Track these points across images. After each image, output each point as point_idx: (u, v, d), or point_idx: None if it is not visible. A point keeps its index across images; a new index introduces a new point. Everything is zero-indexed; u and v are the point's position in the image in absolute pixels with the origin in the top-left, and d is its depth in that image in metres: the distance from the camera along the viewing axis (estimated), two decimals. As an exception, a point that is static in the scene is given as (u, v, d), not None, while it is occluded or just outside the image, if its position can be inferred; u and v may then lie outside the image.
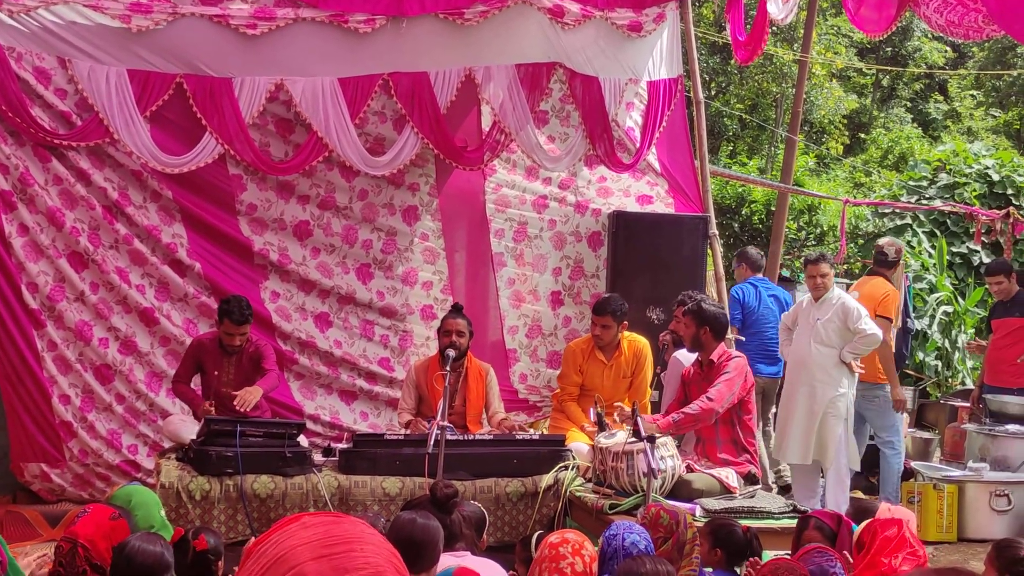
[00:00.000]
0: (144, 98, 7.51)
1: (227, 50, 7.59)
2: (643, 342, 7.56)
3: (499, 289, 8.70)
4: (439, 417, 5.93)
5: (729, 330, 8.37)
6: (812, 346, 7.80)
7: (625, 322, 7.41)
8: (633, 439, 6.02)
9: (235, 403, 6.68)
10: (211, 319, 7.79)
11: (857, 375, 7.89)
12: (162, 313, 7.82)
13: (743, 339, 8.61)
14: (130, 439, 7.75)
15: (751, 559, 4.54)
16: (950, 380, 12.28)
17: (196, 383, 7.34)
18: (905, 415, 8.87)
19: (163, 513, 4.71)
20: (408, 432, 7.03)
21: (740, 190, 17.40)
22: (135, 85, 7.49)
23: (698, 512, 5.83)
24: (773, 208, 15.46)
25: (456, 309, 7.43)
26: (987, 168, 15.21)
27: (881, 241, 9.11)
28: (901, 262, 9.04)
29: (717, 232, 8.95)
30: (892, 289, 8.58)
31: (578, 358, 7.49)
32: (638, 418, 5.92)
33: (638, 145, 8.68)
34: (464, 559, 4.32)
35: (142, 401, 7.78)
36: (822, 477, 7.96)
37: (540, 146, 8.39)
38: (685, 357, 7.20)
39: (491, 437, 6.86)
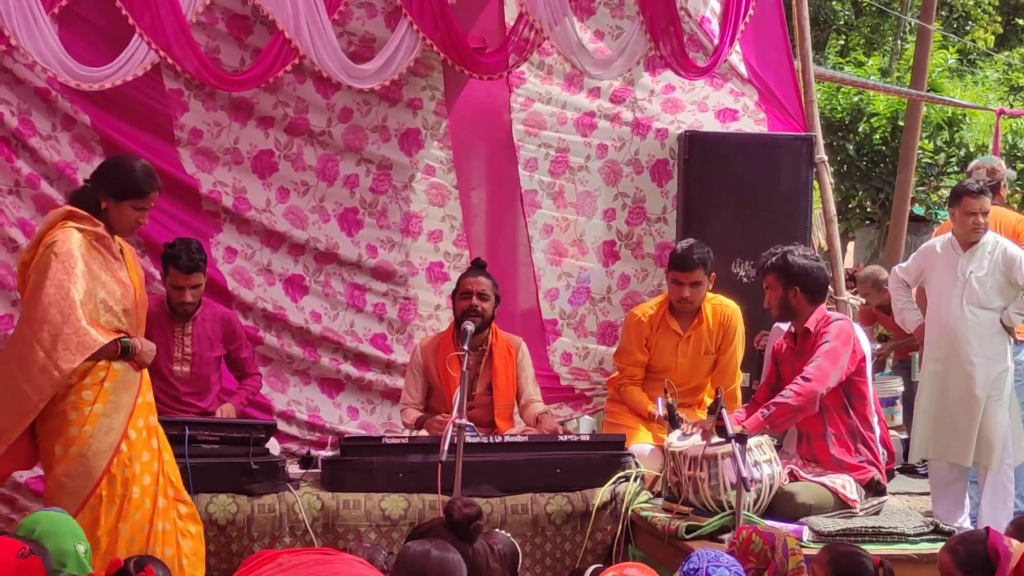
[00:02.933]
0: (50, -12, 7.43)
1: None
2: (732, 307, 7.62)
3: (532, 240, 8.74)
4: (456, 413, 5.95)
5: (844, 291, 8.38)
6: (965, 309, 7.80)
7: (713, 275, 7.51)
8: (717, 439, 6.06)
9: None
10: (146, 286, 7.69)
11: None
12: None
13: None
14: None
15: None
16: None
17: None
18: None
19: (80, 547, 4.70)
20: (414, 434, 7.08)
21: (856, 99, 17.32)
22: (36, -30, 7.40)
23: (805, 535, 5.88)
24: (901, 123, 15.40)
25: (477, 265, 7.52)
26: None
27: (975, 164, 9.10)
28: (1004, 183, 9.03)
29: (826, 157, 8.93)
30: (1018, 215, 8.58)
31: (644, 329, 7.56)
32: (723, 410, 5.94)
33: (716, 41, 8.67)
34: (494, 602, 4.29)
35: None
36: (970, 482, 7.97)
37: (583, 45, 8.34)
38: (785, 326, 7.21)
39: (526, 439, 6.90)
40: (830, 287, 7.19)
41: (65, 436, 5.66)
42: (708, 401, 7.44)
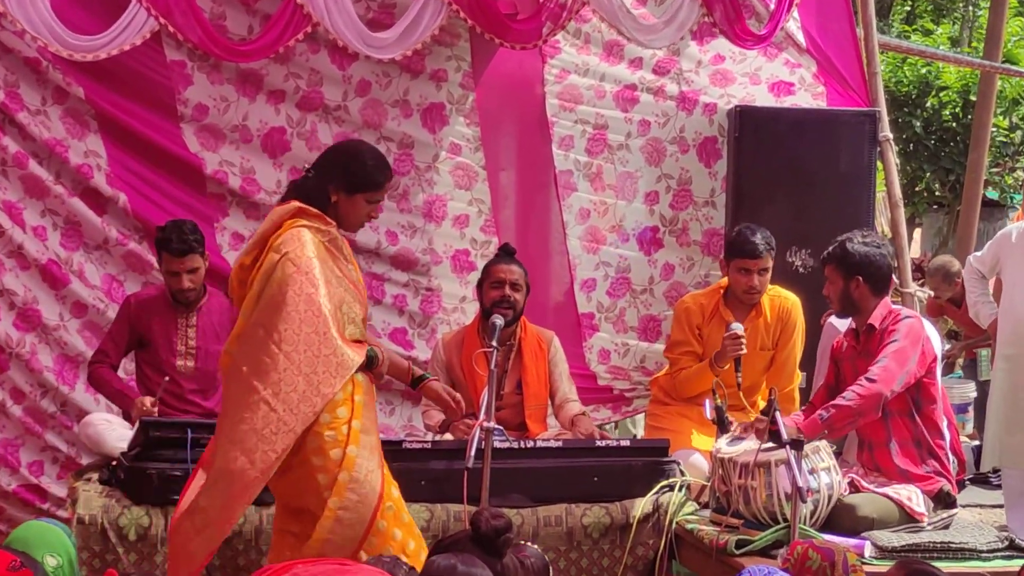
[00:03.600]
0: (40, -51, 7.47)
1: None
2: (792, 300, 7.60)
3: (567, 225, 8.74)
4: (483, 414, 5.89)
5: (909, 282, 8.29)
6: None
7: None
8: (770, 444, 6.03)
9: None
10: (143, 274, 7.91)
11: None
12: (71, 268, 7.90)
13: None
14: (32, 454, 7.84)
15: None
16: None
17: (129, 369, 7.44)
18: None
19: (51, 560, 4.66)
20: (437, 438, 7.09)
21: (924, 71, 17.23)
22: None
23: (867, 551, 5.83)
24: (973, 98, 15.28)
25: (506, 251, 7.50)
26: None
27: None
28: None
29: (891, 135, 8.89)
30: None
31: (695, 317, 7.57)
32: (776, 412, 5.92)
33: (772, 7, 8.60)
34: (525, 623, 4.30)
35: (50, 398, 7.86)
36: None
37: (627, 9, 8.32)
38: (842, 323, 7.24)
39: (560, 443, 6.89)
40: (895, 278, 7.21)
41: (327, 462, 5.41)
42: (762, 404, 7.21)
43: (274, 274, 5.35)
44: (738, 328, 7.13)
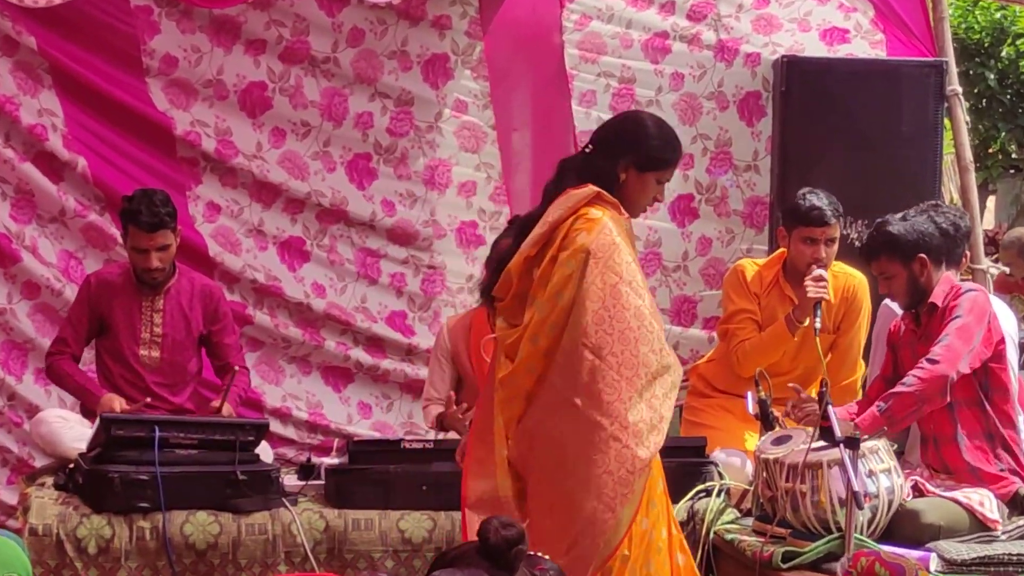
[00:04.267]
0: None
1: None
2: (858, 278, 7.52)
3: None
4: None
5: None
6: None
7: None
8: (821, 443, 5.92)
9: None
10: (104, 251, 7.88)
11: None
12: (22, 243, 7.86)
13: None
14: (-26, 456, 7.89)
15: None
16: None
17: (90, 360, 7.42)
18: None
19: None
20: (440, 436, 7.07)
21: (997, 16, 17.04)
22: None
23: (933, 564, 5.67)
24: (1054, 47, 15.02)
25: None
26: None
27: None
28: None
29: (960, 89, 8.75)
30: None
31: (753, 285, 7.50)
32: (828, 405, 5.80)
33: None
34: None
35: None
36: None
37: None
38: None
39: None
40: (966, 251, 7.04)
41: None
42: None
43: (589, 281, 5.12)
44: (822, 270, 7.07)
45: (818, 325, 6.91)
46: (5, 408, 7.78)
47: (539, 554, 4.52)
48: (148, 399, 7.06)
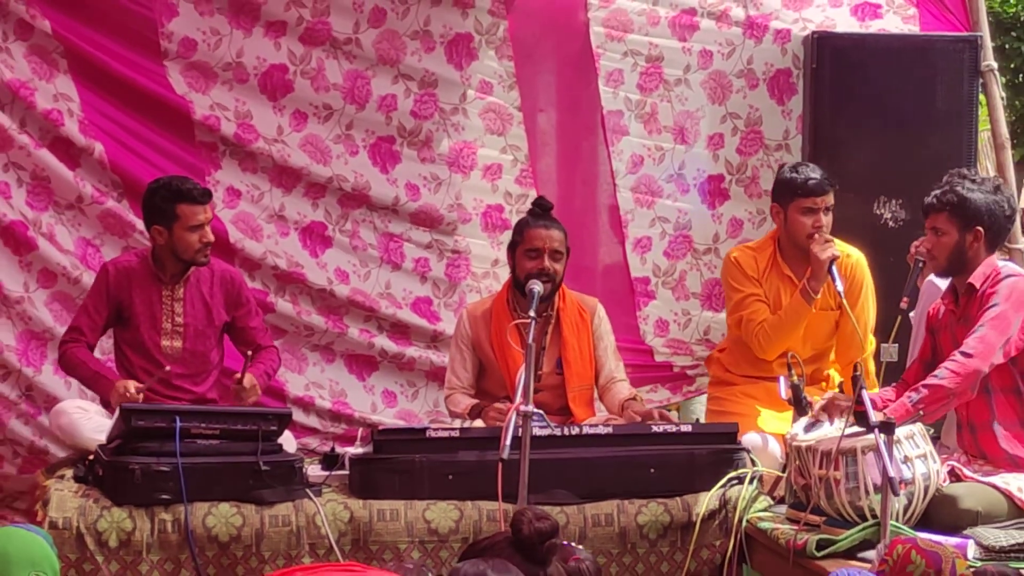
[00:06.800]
0: None
1: None
2: (855, 255, 7.46)
3: (616, 175, 8.53)
4: (519, 397, 5.76)
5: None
6: None
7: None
8: (856, 428, 5.83)
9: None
10: (122, 237, 7.81)
11: None
12: (39, 230, 7.77)
13: None
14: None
15: None
16: None
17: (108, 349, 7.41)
18: None
19: (57, 572, 4.58)
20: (467, 425, 6.99)
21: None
22: None
23: (970, 551, 5.61)
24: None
25: (542, 207, 7.29)
26: None
27: None
28: None
29: (996, 65, 8.61)
30: None
31: (749, 269, 7.40)
32: (863, 391, 5.73)
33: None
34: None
35: (11, 382, 7.77)
36: None
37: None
38: (944, 283, 6.97)
39: (610, 430, 6.71)
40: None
41: None
42: (834, 376, 7.35)
43: None
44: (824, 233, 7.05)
45: (840, 286, 6.90)
46: (21, 399, 7.73)
47: (573, 544, 4.52)
48: (168, 367, 6.93)
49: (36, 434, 7.68)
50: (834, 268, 6.95)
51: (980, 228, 6.20)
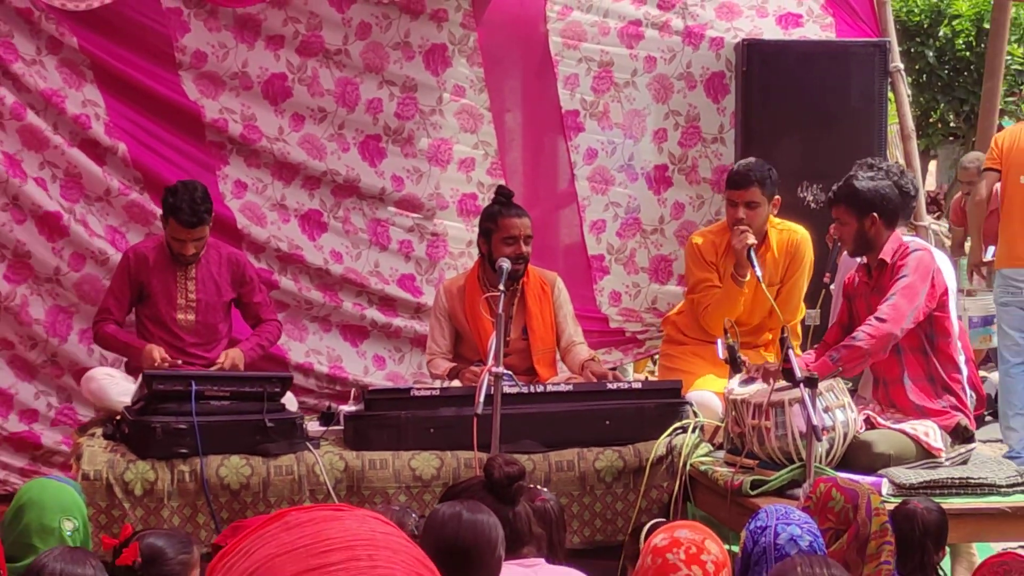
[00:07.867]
0: None
1: None
2: (800, 233, 7.59)
3: (574, 166, 8.74)
4: (491, 360, 5.93)
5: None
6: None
7: (777, 197, 7.48)
8: (783, 383, 6.02)
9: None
10: (145, 225, 7.94)
11: None
12: (75, 218, 7.91)
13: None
14: (26, 402, 7.90)
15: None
16: None
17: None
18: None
19: (68, 523, 4.73)
20: (446, 384, 7.10)
21: (936, 0, 17.10)
22: None
23: (884, 489, 5.82)
24: (986, 25, 15.18)
25: (506, 197, 7.42)
26: None
27: None
28: None
29: (902, 66, 8.87)
30: None
31: (708, 254, 7.56)
32: (790, 351, 5.88)
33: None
34: (537, 570, 4.32)
35: (39, 350, 7.93)
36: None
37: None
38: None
39: (571, 387, 6.91)
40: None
41: None
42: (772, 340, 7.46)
43: None
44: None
45: (759, 272, 7.01)
46: (44, 364, 7.85)
47: (539, 487, 4.79)
48: (180, 361, 7.14)
49: (60, 395, 7.84)
50: (752, 255, 7.04)
51: (875, 213, 6.40)
